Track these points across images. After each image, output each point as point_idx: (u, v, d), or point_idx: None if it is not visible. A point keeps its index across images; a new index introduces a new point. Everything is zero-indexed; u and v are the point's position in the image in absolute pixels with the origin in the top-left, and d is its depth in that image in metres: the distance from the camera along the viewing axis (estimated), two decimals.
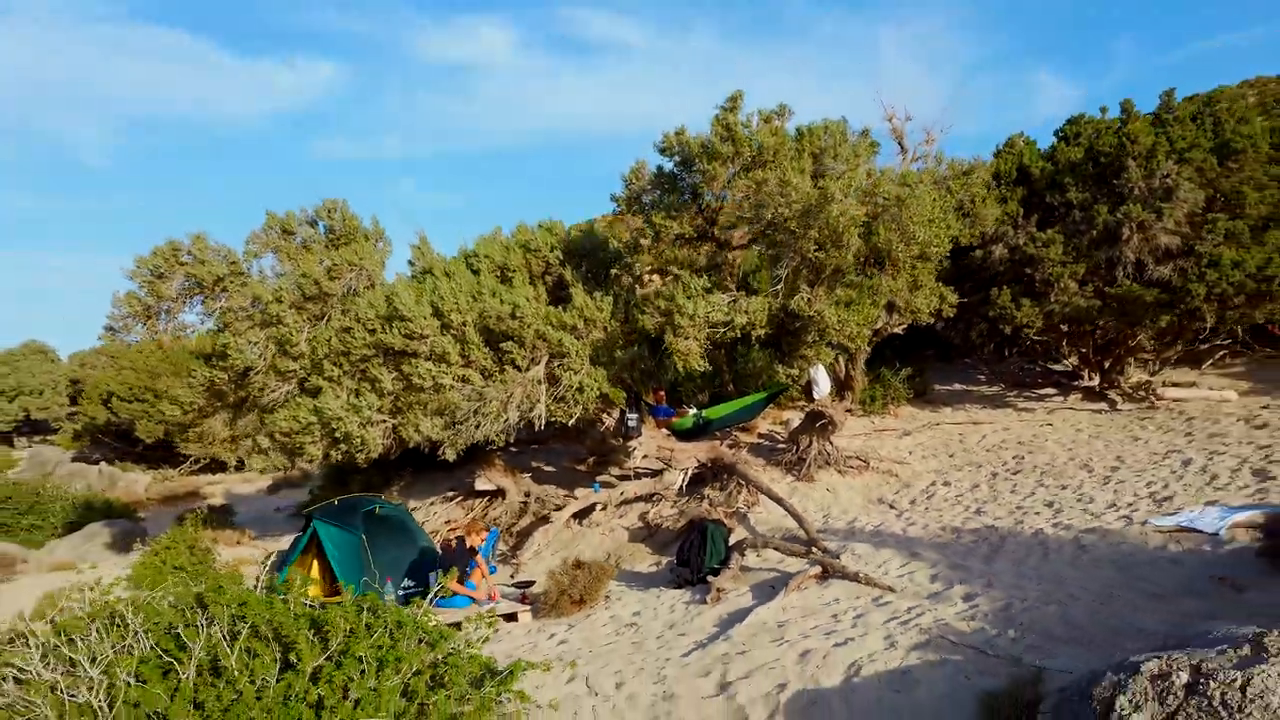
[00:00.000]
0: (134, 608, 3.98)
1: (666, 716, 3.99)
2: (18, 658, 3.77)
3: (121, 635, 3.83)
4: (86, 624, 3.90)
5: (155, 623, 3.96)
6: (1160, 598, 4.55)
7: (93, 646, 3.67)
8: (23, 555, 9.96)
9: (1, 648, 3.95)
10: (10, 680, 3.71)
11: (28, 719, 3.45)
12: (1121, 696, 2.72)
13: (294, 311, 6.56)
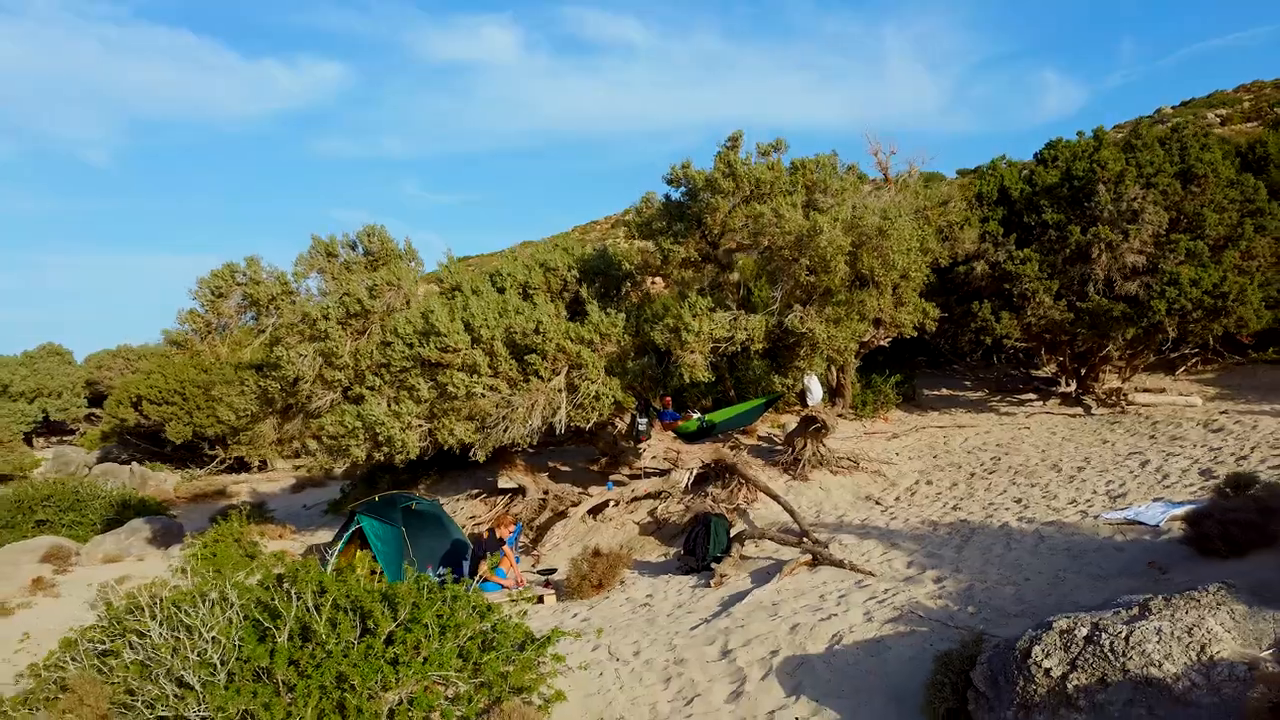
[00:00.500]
0: (232, 585, 4.74)
1: (678, 676, 4.75)
2: (140, 624, 4.54)
3: (222, 608, 4.59)
4: (194, 598, 4.66)
5: (249, 598, 4.71)
6: (1101, 579, 5.29)
7: (202, 616, 4.43)
8: (75, 548, 10.72)
9: (123, 616, 4.70)
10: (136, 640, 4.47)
11: (156, 672, 4.19)
12: (1036, 646, 3.47)
13: (339, 327, 7.31)
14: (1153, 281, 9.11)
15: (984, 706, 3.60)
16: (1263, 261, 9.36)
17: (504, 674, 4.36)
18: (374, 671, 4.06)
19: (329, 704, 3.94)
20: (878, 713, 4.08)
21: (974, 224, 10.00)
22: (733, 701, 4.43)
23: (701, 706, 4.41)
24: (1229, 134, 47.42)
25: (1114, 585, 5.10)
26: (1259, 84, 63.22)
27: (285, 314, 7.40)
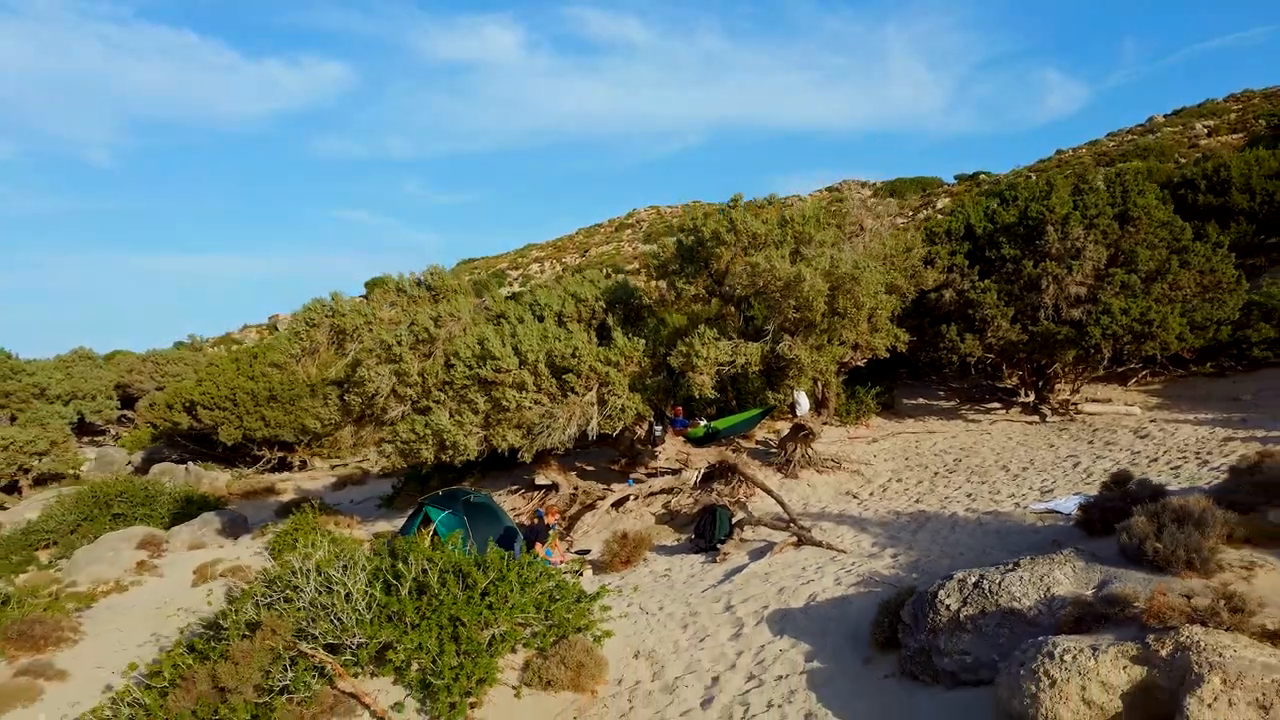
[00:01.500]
0: (362, 554, 6.34)
1: (693, 623, 6.34)
2: (297, 581, 6.13)
3: (354, 573, 6.17)
4: (333, 562, 6.25)
5: (372, 565, 6.31)
6: (1015, 554, 6.84)
7: (345, 577, 6.02)
8: (165, 536, 12.32)
9: (283, 576, 6.29)
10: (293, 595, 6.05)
11: (311, 615, 5.77)
12: (941, 590, 5.05)
13: (410, 351, 8.87)
14: (1092, 309, 10.68)
15: (908, 633, 5.18)
16: (1187, 291, 10.93)
17: (567, 618, 5.97)
18: (477, 614, 5.66)
19: (445, 635, 5.53)
20: (839, 644, 5.67)
21: (943, 256, 11.57)
22: (733, 640, 6.02)
23: (710, 643, 6.01)
24: (1215, 145, 48.89)
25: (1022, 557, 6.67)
26: (1248, 94, 64.63)
27: (365, 340, 8.98)
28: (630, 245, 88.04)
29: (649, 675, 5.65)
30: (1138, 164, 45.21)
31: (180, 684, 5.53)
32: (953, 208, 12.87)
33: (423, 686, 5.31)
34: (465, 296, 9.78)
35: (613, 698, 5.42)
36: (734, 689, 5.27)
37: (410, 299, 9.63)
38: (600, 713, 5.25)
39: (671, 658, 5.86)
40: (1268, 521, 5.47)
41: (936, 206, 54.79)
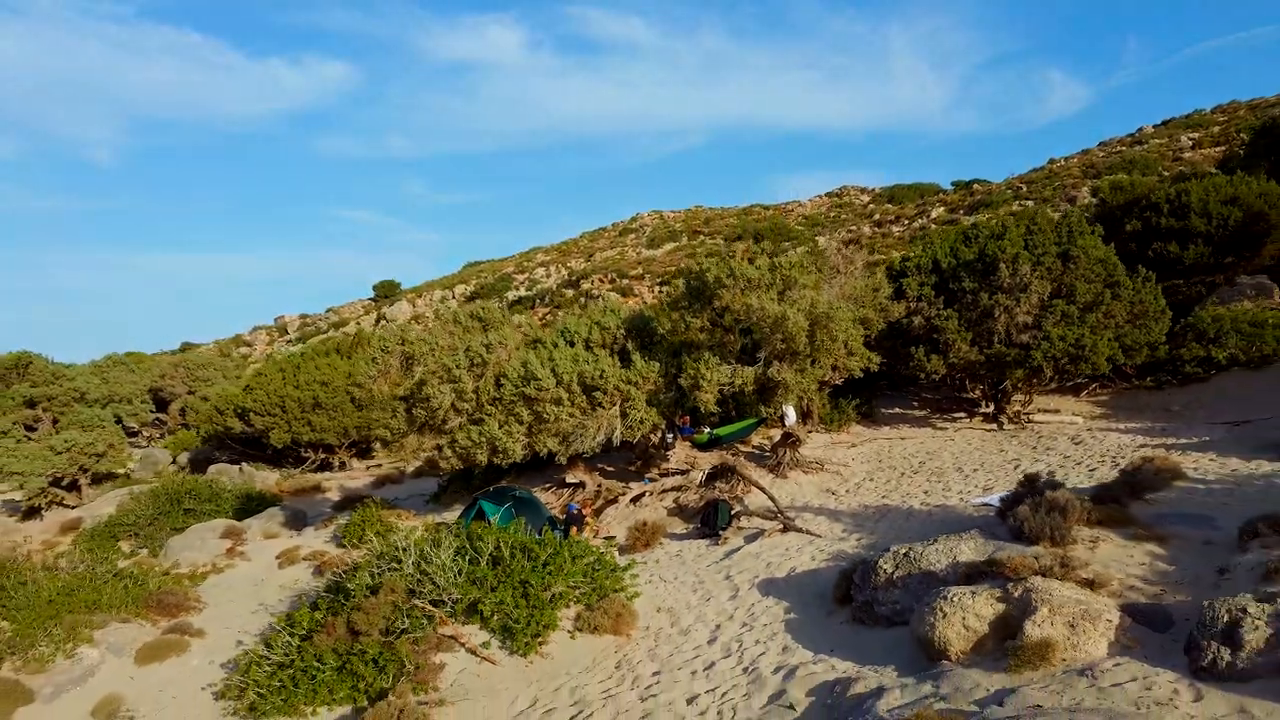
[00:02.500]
0: (447, 535, 8.28)
1: (700, 587, 8.29)
2: (399, 555, 8.06)
3: (444, 549, 8.09)
4: (425, 541, 8.19)
5: (454, 544, 8.24)
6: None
7: (436, 553, 7.95)
8: (244, 528, 14.25)
9: (389, 550, 8.22)
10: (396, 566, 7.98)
11: (417, 580, 7.70)
12: (880, 560, 6.99)
13: (466, 372, 10.78)
14: (1037, 334, 12.61)
15: (857, 590, 7.12)
16: (1119, 319, 12.85)
17: (606, 582, 7.91)
18: (540, 579, 7.60)
19: (518, 594, 7.46)
20: (809, 601, 7.61)
21: (913, 287, 13.50)
22: (731, 600, 7.96)
23: (714, 602, 7.95)
24: (1197, 158, 50.59)
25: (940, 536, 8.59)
26: (1234, 105, 66.51)
27: (429, 364, 10.90)
28: (634, 250, 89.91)
29: (669, 623, 7.59)
30: (1122, 177, 47.12)
31: (320, 630, 7.48)
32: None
33: (503, 630, 7.25)
34: (509, 326, 11.71)
35: (642, 639, 7.36)
36: (731, 632, 7.21)
37: (465, 328, 11.56)
38: (633, 649, 7.19)
39: (685, 611, 7.80)
40: (1124, 510, 7.41)
41: (931, 216, 56.71)
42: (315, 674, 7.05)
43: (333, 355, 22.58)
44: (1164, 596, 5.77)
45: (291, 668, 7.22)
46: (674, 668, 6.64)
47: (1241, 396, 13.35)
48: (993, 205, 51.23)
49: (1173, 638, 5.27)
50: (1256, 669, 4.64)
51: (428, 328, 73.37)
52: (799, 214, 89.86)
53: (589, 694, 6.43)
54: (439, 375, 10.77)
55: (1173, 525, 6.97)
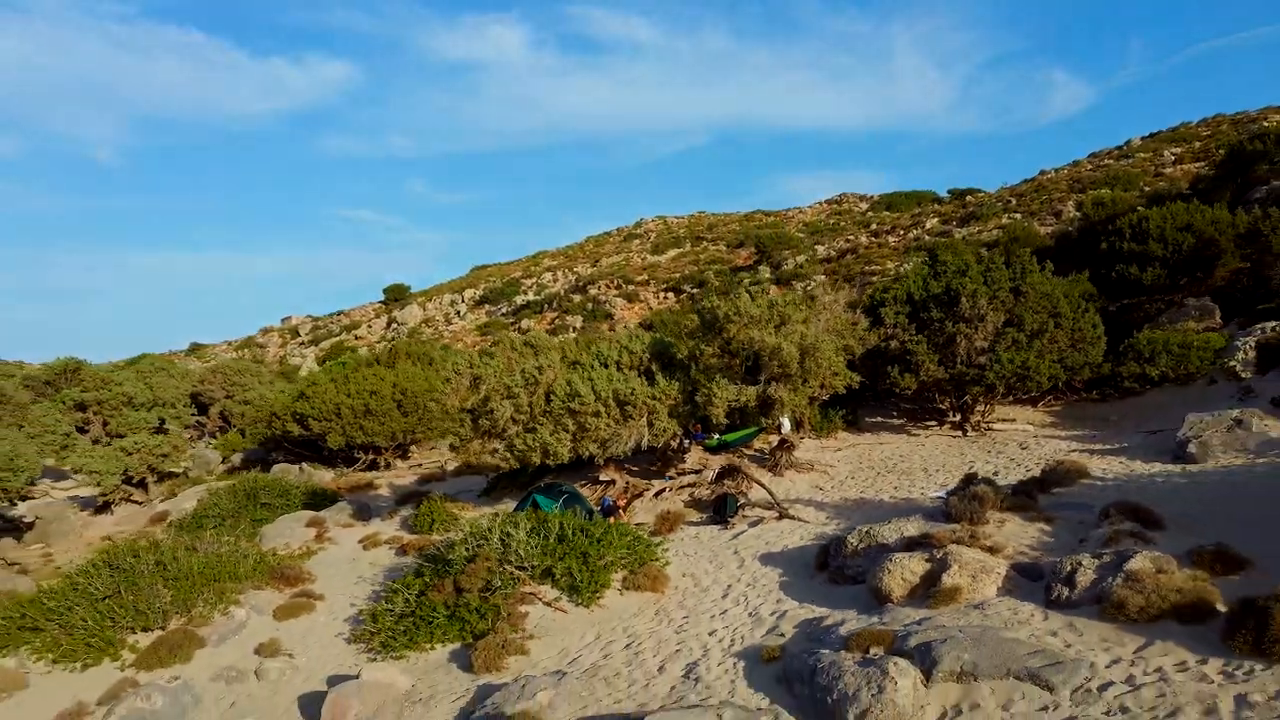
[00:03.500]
0: (523, 519, 10.81)
1: (714, 559, 10.83)
2: (483, 534, 10.58)
3: (516, 530, 10.62)
4: (505, 523, 10.71)
5: (531, 525, 10.76)
6: None
7: (516, 531, 10.48)
8: (325, 518, 16.73)
9: (477, 530, 10.72)
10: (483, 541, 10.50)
11: (503, 551, 10.21)
12: (849, 535, 9.51)
13: (522, 390, 13.28)
14: (991, 357, 15.13)
15: (831, 559, 9.64)
16: (1061, 344, 15.36)
17: (644, 554, 10.44)
18: (596, 550, 10.13)
19: (579, 562, 9.98)
20: (797, 568, 10.13)
21: (890, 315, 16.03)
22: (739, 569, 10.48)
23: (725, 570, 10.47)
24: (1178, 174, 52.95)
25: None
26: (1219, 118, 68.96)
27: (493, 383, 13.41)
28: (639, 256, 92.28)
29: (692, 584, 10.13)
30: (1105, 192, 49.63)
31: (430, 589, 10.00)
32: (897, 280, 17.36)
33: (570, 588, 9.77)
34: (555, 350, 14.24)
35: (673, 594, 9.89)
36: (739, 590, 9.73)
37: (520, 354, 14.07)
38: (667, 601, 9.72)
39: (704, 576, 10.34)
40: (1031, 500, 9.94)
41: (925, 226, 59.19)
42: (431, 620, 9.57)
43: (377, 367, 25.11)
44: (1040, 558, 8.31)
45: (412, 616, 9.75)
46: (698, 613, 9.17)
47: (1167, 409, 15.83)
48: (983, 218, 53.82)
49: (1040, 584, 7.80)
50: (1083, 599, 7.18)
51: (439, 331, 75.42)
52: (799, 220, 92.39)
53: (637, 631, 8.96)
54: (501, 392, 13.30)
55: (1061, 511, 9.51)
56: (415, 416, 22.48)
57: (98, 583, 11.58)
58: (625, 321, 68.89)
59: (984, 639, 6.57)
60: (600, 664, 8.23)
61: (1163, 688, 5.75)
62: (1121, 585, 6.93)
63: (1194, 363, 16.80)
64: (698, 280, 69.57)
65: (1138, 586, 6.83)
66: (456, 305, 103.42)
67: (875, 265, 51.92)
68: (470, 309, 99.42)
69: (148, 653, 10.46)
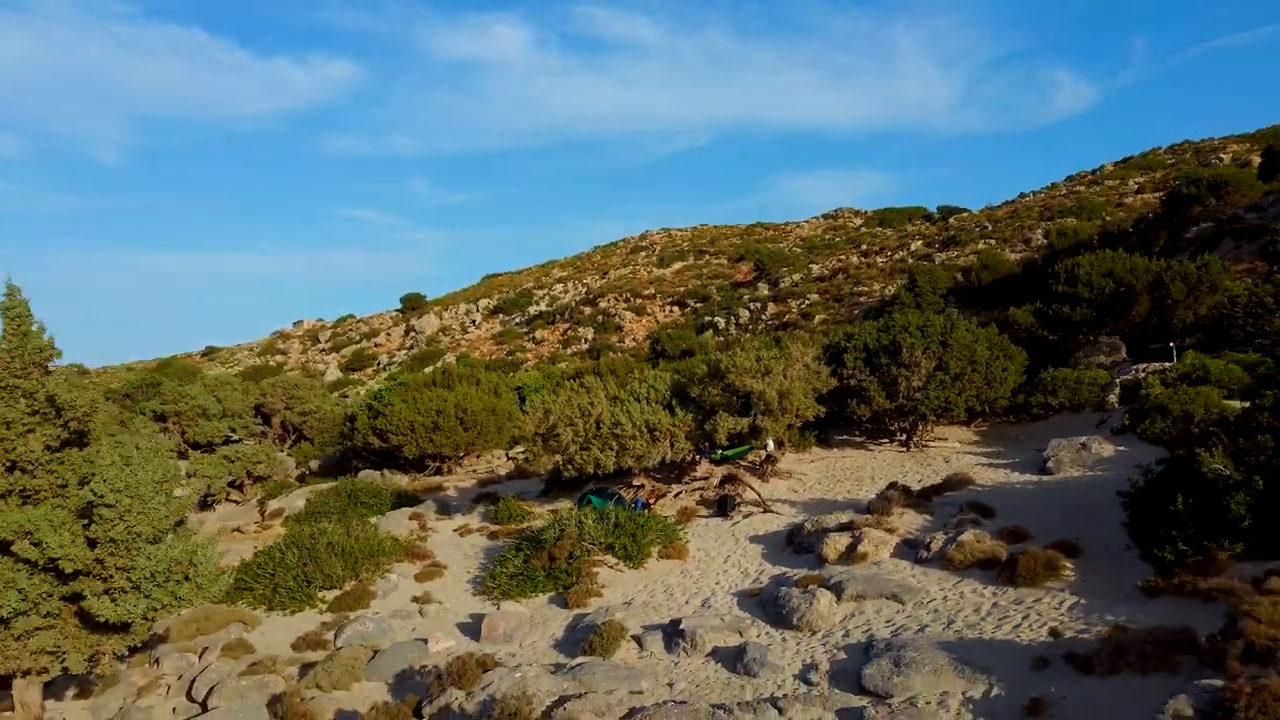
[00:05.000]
0: (590, 510, 16.04)
1: (718, 540, 16.07)
2: (564, 522, 15.80)
3: (589, 516, 15.86)
4: (574, 514, 15.92)
5: (595, 515, 16.01)
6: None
7: (587, 520, 15.73)
8: (424, 512, 21.90)
9: (558, 519, 15.88)
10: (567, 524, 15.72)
11: (579, 531, 15.39)
12: (805, 524, 14.70)
13: (580, 419, 18.44)
14: (923, 394, 20.34)
15: (794, 538, 14.83)
16: (977, 383, 20.55)
17: (672, 534, 15.66)
18: (641, 531, 15.35)
19: (630, 540, 15.19)
20: (774, 545, 15.36)
21: (850, 361, 21.25)
22: (734, 545, 15.70)
23: (725, 545, 15.70)
24: (1138, 203, 57.93)
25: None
26: (1185, 145, 74.00)
27: (558, 414, 18.59)
28: (646, 269, 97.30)
29: (704, 555, 15.35)
30: (1069, 221, 54.76)
31: (532, 557, 15.19)
32: (857, 332, 22.38)
33: (625, 556, 14.97)
34: (602, 390, 19.42)
35: (692, 561, 15.11)
36: (735, 559, 14.93)
37: (577, 392, 19.25)
38: (689, 564, 14.92)
39: (712, 550, 15.57)
40: (927, 500, 15.15)
41: (910, 249, 64.30)
42: (534, 577, 14.77)
43: (437, 389, 30.33)
44: (920, 535, 13.51)
45: (520, 575, 14.94)
46: (708, 572, 14.39)
47: (1061, 431, 20.98)
48: (962, 242, 58.98)
49: (915, 551, 13.00)
50: (934, 558, 12.40)
51: (456, 339, 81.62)
52: (797, 236, 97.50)
53: (670, 582, 14.18)
54: (565, 421, 18.52)
55: (942, 507, 14.71)
56: (474, 431, 27.72)
57: (289, 556, 16.76)
58: (633, 334, 74.13)
59: (872, 579, 11.80)
60: (648, 600, 13.46)
61: (960, 601, 10.98)
62: (954, 549, 12.15)
63: (1084, 395, 21.96)
64: (701, 295, 74.78)
65: (961, 549, 12.06)
66: (471, 314, 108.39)
67: (863, 286, 57.14)
68: (485, 318, 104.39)
69: (335, 603, 15.63)
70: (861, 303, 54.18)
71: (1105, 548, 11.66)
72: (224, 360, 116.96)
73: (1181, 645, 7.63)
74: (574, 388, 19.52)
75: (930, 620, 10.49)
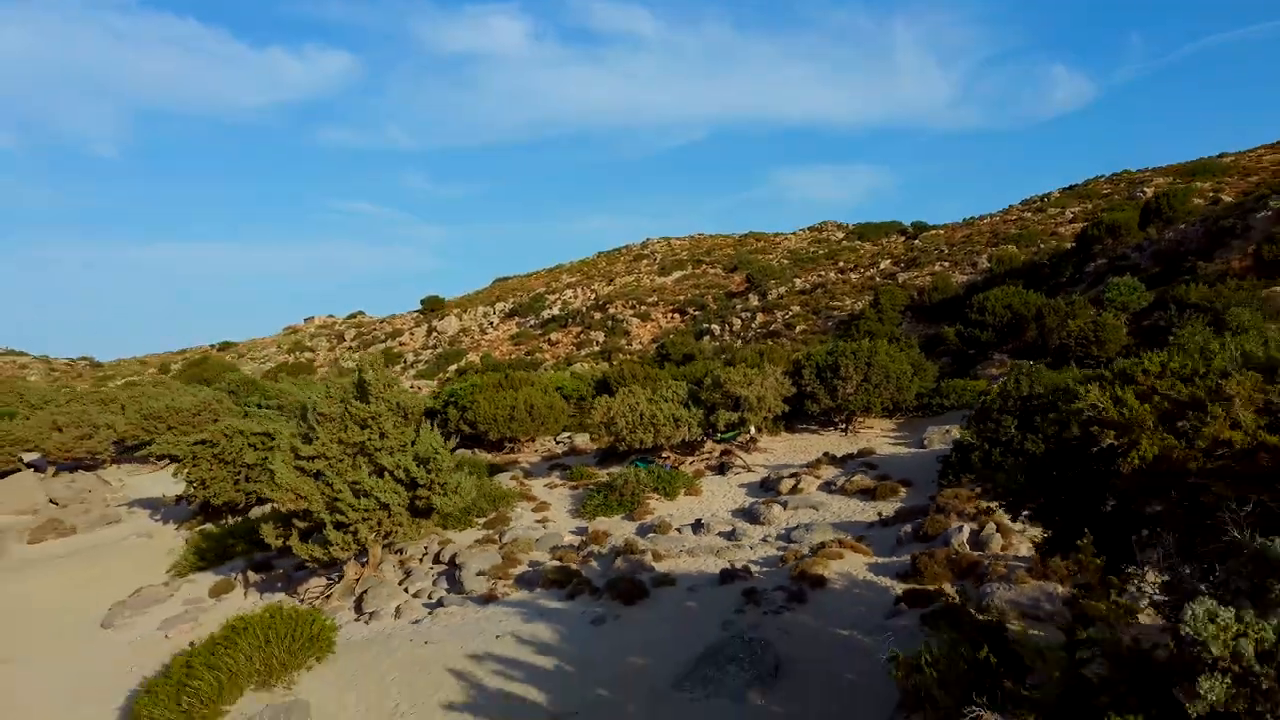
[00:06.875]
0: (637, 469, 26.48)
1: (720, 486, 26.51)
2: (627, 475, 26.20)
3: (640, 474, 26.33)
4: (630, 471, 26.33)
5: (644, 472, 26.47)
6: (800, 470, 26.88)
7: (639, 475, 26.23)
8: (519, 474, 32.16)
9: (621, 474, 26.17)
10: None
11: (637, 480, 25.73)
12: (770, 477, 25.06)
13: (630, 413, 28.63)
14: (853, 396, 30.78)
15: (765, 484, 25.16)
16: (891, 390, 31.01)
17: (690, 483, 26.05)
18: (673, 481, 25.73)
19: (666, 484, 25.56)
20: (753, 488, 25.81)
21: (807, 376, 31.69)
22: (729, 489, 26.11)
23: (723, 489, 26.13)
24: (1068, 232, 68.55)
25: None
26: (1126, 173, 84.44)
27: (617, 409, 28.78)
28: (648, 277, 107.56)
29: (710, 493, 25.75)
30: (1010, 249, 65.38)
31: (609, 495, 25.52)
32: (814, 354, 32.58)
33: (664, 493, 25.30)
34: (644, 393, 29.63)
35: (703, 497, 25.50)
36: (730, 496, 25.34)
37: (625, 395, 29.42)
38: (702, 499, 25.30)
39: (715, 491, 25.98)
40: (842, 462, 25.60)
41: (880, 268, 74.76)
42: (611, 505, 25.10)
43: (505, 388, 40.57)
44: (834, 478, 23.95)
45: (602, 504, 25.26)
46: (714, 501, 24.81)
47: (946, 423, 31.39)
48: (921, 264, 69.44)
49: (831, 487, 23.46)
50: (838, 489, 22.92)
51: (476, 340, 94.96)
52: (785, 247, 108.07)
53: (692, 506, 24.57)
54: (620, 414, 28.82)
55: (849, 465, 25.14)
56: (538, 421, 38.03)
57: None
58: (639, 337, 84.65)
59: (803, 500, 22.31)
60: (680, 514, 23.83)
61: (845, 506, 21.53)
62: (847, 483, 22.64)
63: (967, 398, 32.41)
64: (699, 304, 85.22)
65: (851, 483, 22.56)
66: (489, 316, 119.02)
67: (837, 301, 67.60)
68: (501, 320, 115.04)
69: (487, 524, 25.96)
70: (835, 316, 64.66)
71: (926, 483, 22.08)
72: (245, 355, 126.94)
73: (921, 513, 18.03)
74: (624, 393, 29.82)
75: (828, 515, 20.94)
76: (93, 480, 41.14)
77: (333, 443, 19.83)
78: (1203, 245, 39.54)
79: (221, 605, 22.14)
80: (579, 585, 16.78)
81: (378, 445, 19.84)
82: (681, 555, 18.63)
